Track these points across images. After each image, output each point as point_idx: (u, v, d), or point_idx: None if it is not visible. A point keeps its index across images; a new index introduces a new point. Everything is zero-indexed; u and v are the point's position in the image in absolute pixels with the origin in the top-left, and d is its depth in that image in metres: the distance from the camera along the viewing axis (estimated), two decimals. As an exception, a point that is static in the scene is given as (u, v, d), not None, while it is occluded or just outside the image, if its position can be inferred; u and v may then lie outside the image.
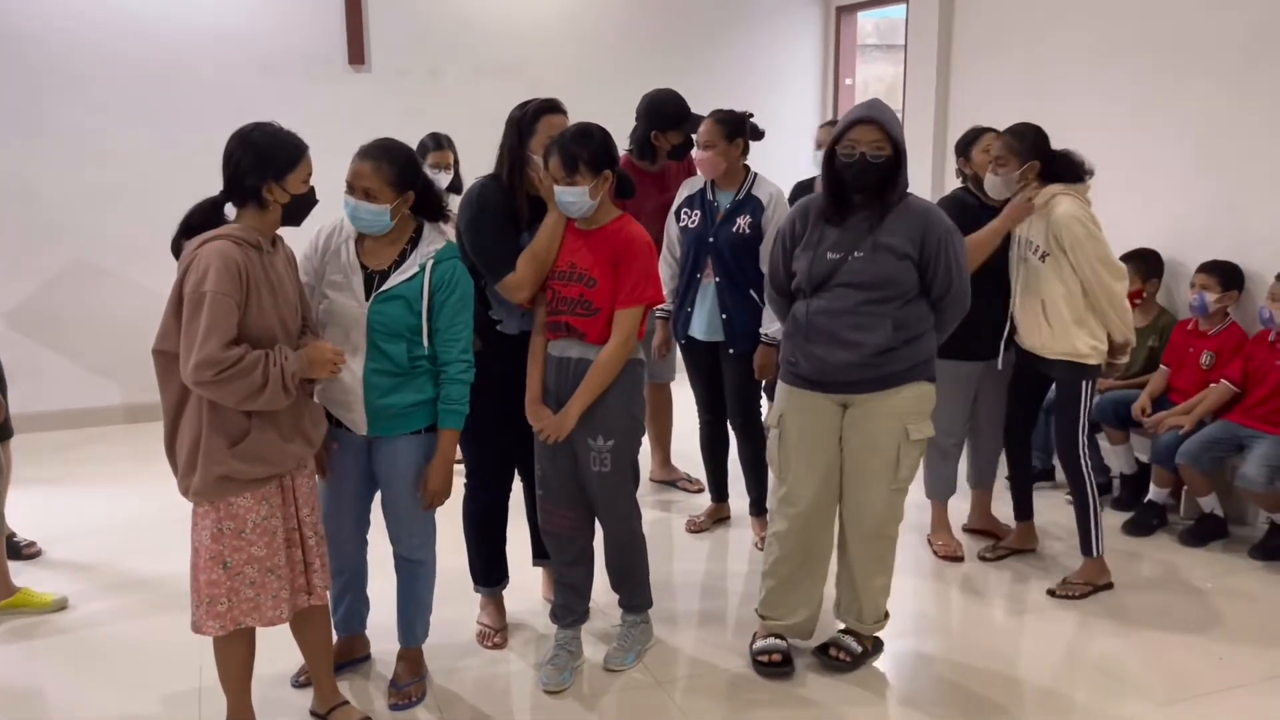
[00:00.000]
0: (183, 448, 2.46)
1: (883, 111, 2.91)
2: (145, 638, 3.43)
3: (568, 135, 2.88)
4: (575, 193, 2.86)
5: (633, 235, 2.94)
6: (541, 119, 3.00)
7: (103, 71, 5.62)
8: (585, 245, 2.94)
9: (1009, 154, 3.60)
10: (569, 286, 2.92)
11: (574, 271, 2.92)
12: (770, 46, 7.04)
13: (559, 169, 2.85)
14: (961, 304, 3.05)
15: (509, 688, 3.11)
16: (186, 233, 2.50)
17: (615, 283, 2.90)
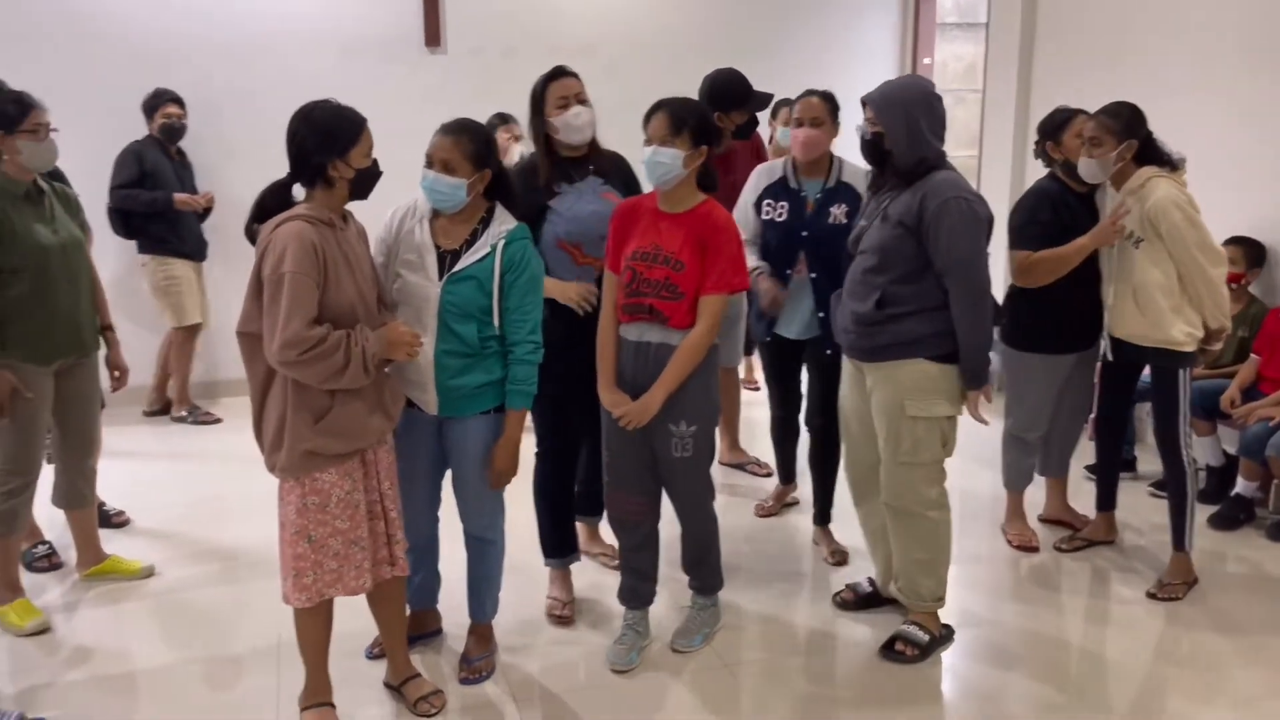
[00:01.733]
0: (269, 426, 2.53)
1: (878, 91, 3.00)
2: (226, 606, 3.54)
3: (675, 100, 2.91)
4: (670, 154, 2.83)
5: (722, 220, 2.93)
6: (550, 85, 3.20)
7: (187, 55, 5.76)
8: (671, 227, 2.91)
9: (1104, 134, 3.46)
10: (653, 268, 2.88)
11: (659, 253, 2.88)
12: (847, 25, 6.92)
13: (664, 127, 2.83)
14: (968, 285, 2.91)
15: (577, 666, 3.14)
16: (259, 216, 2.56)
17: (702, 267, 2.88)
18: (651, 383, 2.91)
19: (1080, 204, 3.67)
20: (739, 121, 4.07)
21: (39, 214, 3.33)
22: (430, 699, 2.87)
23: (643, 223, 2.94)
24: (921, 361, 2.98)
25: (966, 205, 2.89)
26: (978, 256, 2.92)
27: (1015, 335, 3.83)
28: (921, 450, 3.05)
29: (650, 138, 2.86)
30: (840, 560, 3.82)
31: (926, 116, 2.93)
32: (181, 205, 5.42)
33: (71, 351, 3.44)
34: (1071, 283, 3.59)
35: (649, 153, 2.86)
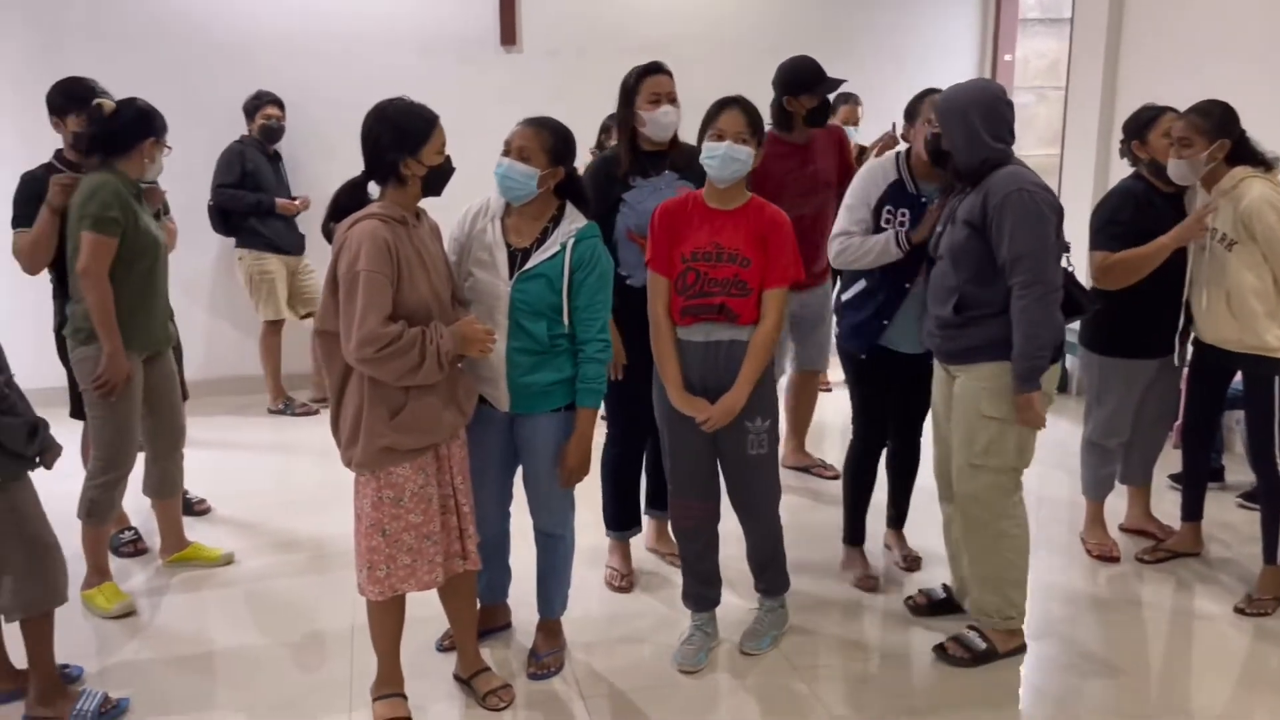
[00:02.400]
0: (346, 421, 2.58)
1: (942, 95, 3.03)
2: (302, 595, 3.62)
3: (743, 99, 2.90)
4: (747, 153, 2.84)
5: (777, 214, 2.95)
6: (645, 80, 3.28)
7: (260, 53, 5.90)
8: (729, 225, 2.89)
9: (1194, 134, 3.35)
10: (719, 268, 2.87)
11: (722, 251, 2.87)
12: (927, 21, 6.82)
13: (741, 124, 2.83)
14: (1030, 279, 2.80)
15: (645, 664, 3.14)
16: (335, 215, 2.61)
17: (764, 262, 2.87)
18: (724, 382, 2.90)
19: (1167, 205, 3.56)
20: (809, 106, 3.97)
21: (146, 211, 3.47)
22: (499, 693, 2.90)
23: (694, 222, 2.91)
24: (1001, 363, 2.92)
25: (1029, 197, 2.82)
26: (1042, 249, 2.82)
27: (1095, 338, 3.73)
28: (995, 453, 2.98)
29: (724, 132, 2.83)
30: (913, 566, 3.75)
31: (985, 118, 2.88)
32: (282, 210, 5.62)
33: (164, 343, 3.58)
34: (1157, 285, 3.49)
35: (723, 148, 2.82)
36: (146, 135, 3.37)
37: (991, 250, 2.87)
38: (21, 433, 2.61)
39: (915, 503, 3.78)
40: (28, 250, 3.45)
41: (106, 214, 3.22)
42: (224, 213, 5.59)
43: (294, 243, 5.75)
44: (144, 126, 3.38)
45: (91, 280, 3.24)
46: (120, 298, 3.30)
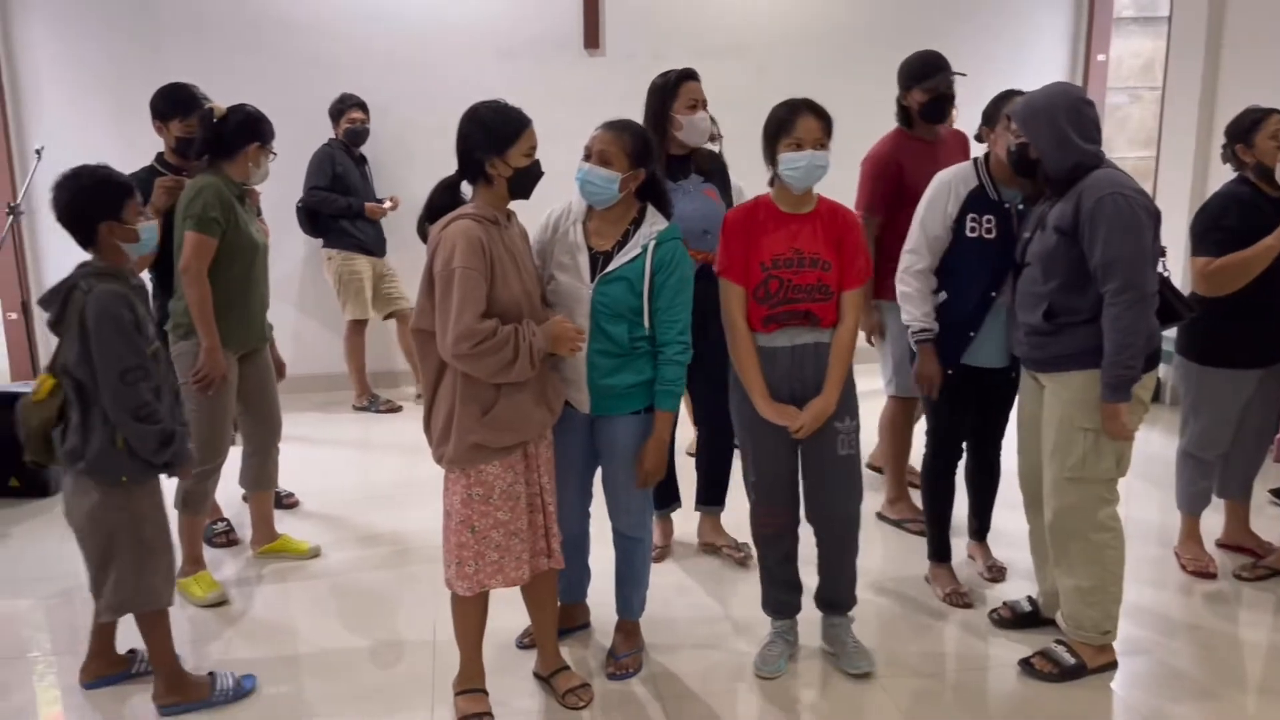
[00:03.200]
0: (438, 418, 2.63)
1: (1021, 102, 2.97)
2: (385, 589, 3.69)
3: (812, 101, 2.86)
4: (826, 157, 2.82)
5: (849, 214, 2.95)
6: (684, 84, 3.42)
7: (347, 57, 6.05)
8: (804, 229, 2.86)
9: None
10: (802, 273, 2.84)
11: (802, 257, 2.84)
12: (1017, 20, 6.68)
13: (817, 130, 2.79)
14: (1122, 285, 2.72)
15: (724, 669, 3.12)
16: (431, 215, 2.66)
17: (840, 264, 2.86)
18: (812, 386, 2.89)
19: (1273, 209, 3.43)
20: (920, 100, 3.84)
21: (247, 212, 3.58)
22: (579, 692, 2.92)
23: (769, 228, 2.87)
24: (1095, 371, 2.84)
25: (1124, 202, 2.73)
26: (1136, 255, 2.73)
27: (1194, 347, 3.61)
28: (1091, 465, 2.90)
29: (803, 141, 2.79)
30: (997, 576, 3.67)
31: (1074, 122, 2.81)
32: (371, 214, 5.76)
33: (260, 340, 3.69)
34: (1260, 291, 3.36)
35: (806, 158, 2.78)
36: (252, 140, 3.48)
37: (1083, 256, 2.80)
38: (153, 441, 2.69)
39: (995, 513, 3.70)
40: None
41: (208, 214, 3.34)
42: (313, 214, 5.74)
43: (380, 244, 5.89)
44: (251, 131, 3.49)
45: (191, 277, 3.36)
46: (218, 296, 3.42)
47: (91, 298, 2.62)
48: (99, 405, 2.65)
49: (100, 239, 2.71)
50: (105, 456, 2.66)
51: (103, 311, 2.61)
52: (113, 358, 2.62)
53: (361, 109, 5.79)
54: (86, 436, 2.66)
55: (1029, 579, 3.45)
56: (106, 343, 2.61)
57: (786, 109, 2.85)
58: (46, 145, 5.48)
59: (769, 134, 2.86)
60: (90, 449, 2.65)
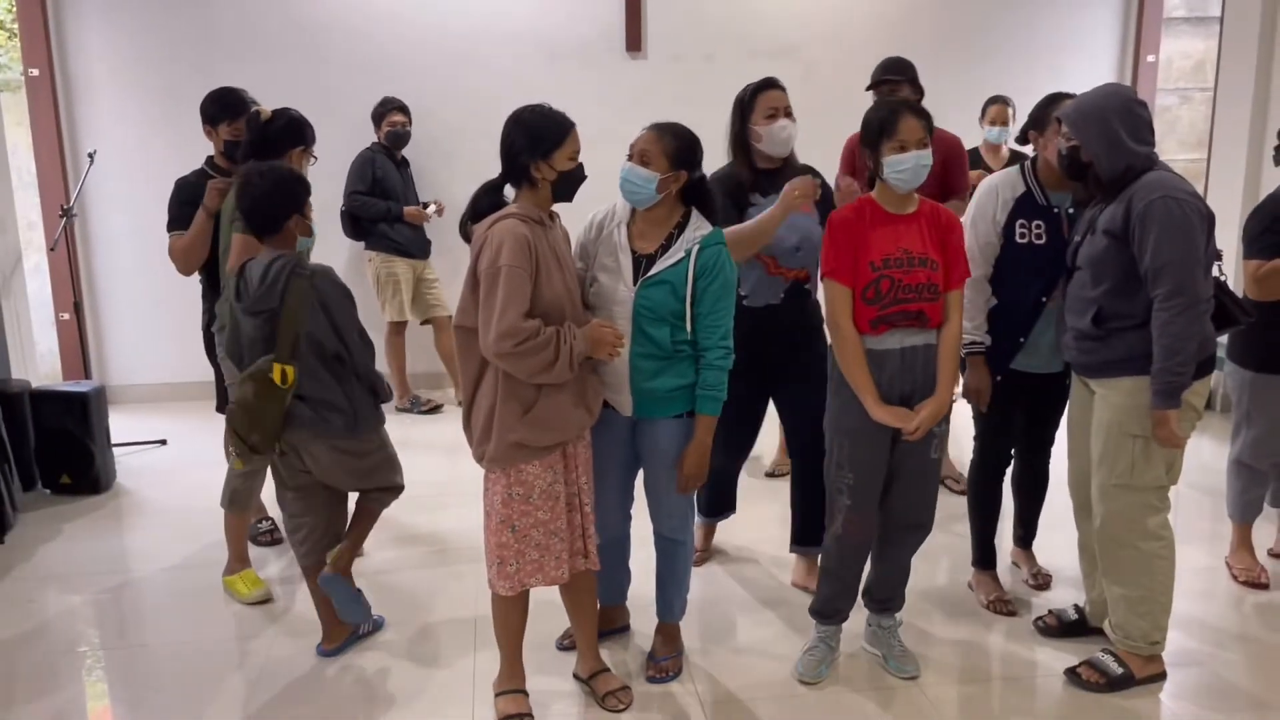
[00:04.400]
0: (479, 417, 2.64)
1: (1072, 104, 2.92)
2: (426, 589, 3.71)
3: (906, 101, 2.86)
4: (929, 157, 2.79)
5: (951, 215, 2.92)
6: (760, 95, 3.29)
7: (391, 61, 6.11)
8: (910, 229, 2.84)
9: None
10: (913, 273, 2.80)
11: (910, 257, 2.81)
12: (1067, 21, 6.59)
13: (919, 130, 2.76)
14: (1172, 290, 2.68)
15: (765, 673, 3.11)
16: (474, 216, 2.67)
17: (945, 263, 2.84)
18: (921, 387, 2.87)
19: (1330, 213, 3.35)
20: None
21: None
22: (618, 694, 2.92)
23: (876, 229, 2.84)
24: (1144, 378, 2.79)
25: (1175, 205, 2.68)
26: (1187, 259, 2.68)
27: (1247, 353, 3.54)
28: (1140, 472, 2.86)
29: (906, 143, 2.75)
30: (1043, 584, 3.62)
31: (1126, 123, 2.76)
32: (410, 218, 5.82)
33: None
34: None
35: (912, 159, 2.75)
36: (296, 143, 3.53)
37: (1133, 260, 2.75)
38: (384, 381, 3.18)
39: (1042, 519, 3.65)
40: (182, 251, 3.64)
41: None
42: (354, 218, 5.80)
43: (421, 247, 5.93)
44: (294, 135, 3.54)
45: None
46: None
47: (319, 280, 2.98)
48: (351, 371, 3.02)
49: (285, 231, 3.00)
50: (371, 411, 3.09)
51: (335, 285, 3.01)
52: (354, 322, 3.05)
53: (403, 112, 5.84)
54: (353, 402, 3.03)
55: (1075, 587, 3.40)
56: (346, 311, 3.02)
57: (887, 110, 2.81)
58: (99, 149, 5.60)
59: (869, 137, 2.82)
60: (362, 410, 3.05)
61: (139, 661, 3.27)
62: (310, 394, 2.97)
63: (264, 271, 2.93)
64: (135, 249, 6.04)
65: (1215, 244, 2.83)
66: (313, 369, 2.96)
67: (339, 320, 2.99)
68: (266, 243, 3.00)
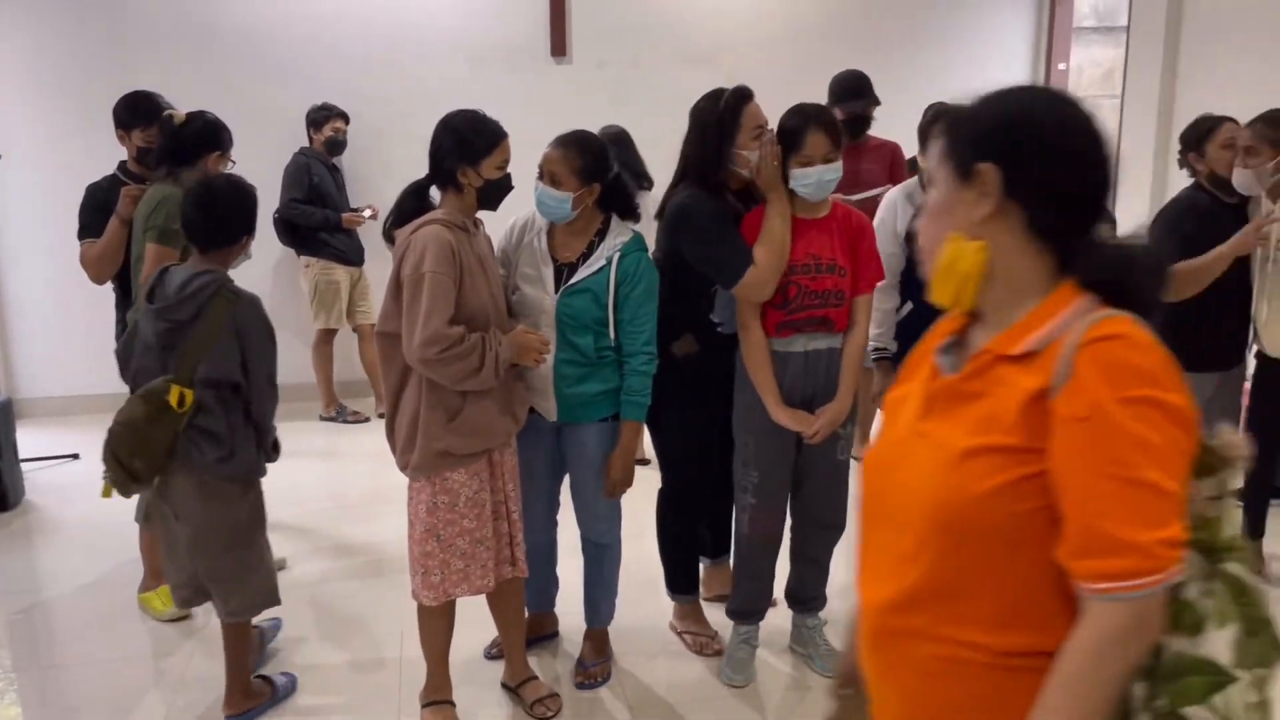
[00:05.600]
0: (402, 425, 2.62)
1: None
2: (352, 600, 3.66)
3: (820, 112, 2.84)
4: (837, 169, 2.82)
5: (863, 219, 2.95)
6: (744, 111, 2.84)
7: (315, 64, 6.01)
8: (818, 234, 2.86)
9: (1261, 143, 3.27)
10: (819, 279, 2.84)
11: (819, 263, 2.84)
12: (978, 29, 6.75)
13: (825, 145, 2.77)
14: None
15: (692, 676, 3.13)
16: (398, 220, 2.65)
17: (854, 268, 2.87)
18: (824, 391, 2.91)
19: (1229, 215, 3.47)
20: (840, 117, 3.66)
21: None
22: (546, 701, 2.91)
23: (796, 233, 2.86)
24: None
25: None
26: None
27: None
28: None
29: (812, 158, 2.77)
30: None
31: None
32: (348, 224, 5.73)
33: None
34: (1217, 297, 3.40)
35: (816, 173, 2.77)
36: (212, 148, 3.43)
37: None
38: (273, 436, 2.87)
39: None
40: (94, 260, 3.53)
41: (171, 226, 3.28)
42: (292, 225, 5.69)
43: (358, 253, 5.87)
44: (211, 139, 3.44)
45: None
46: None
47: (244, 307, 2.70)
48: (243, 407, 2.73)
49: (232, 249, 2.79)
50: (252, 457, 2.77)
51: (259, 320, 2.73)
52: (268, 364, 2.75)
53: (343, 119, 5.76)
54: (235, 437, 2.71)
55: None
56: (263, 349, 2.74)
57: (797, 121, 2.81)
58: (7, 152, 5.42)
59: (781, 144, 2.83)
60: (241, 451, 2.72)
61: (54, 683, 3.17)
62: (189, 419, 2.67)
63: (186, 280, 2.66)
64: (45, 256, 5.84)
65: None
66: (198, 393, 2.66)
67: (251, 357, 2.71)
68: (206, 257, 2.74)
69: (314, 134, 5.75)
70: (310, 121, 5.75)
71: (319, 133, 5.73)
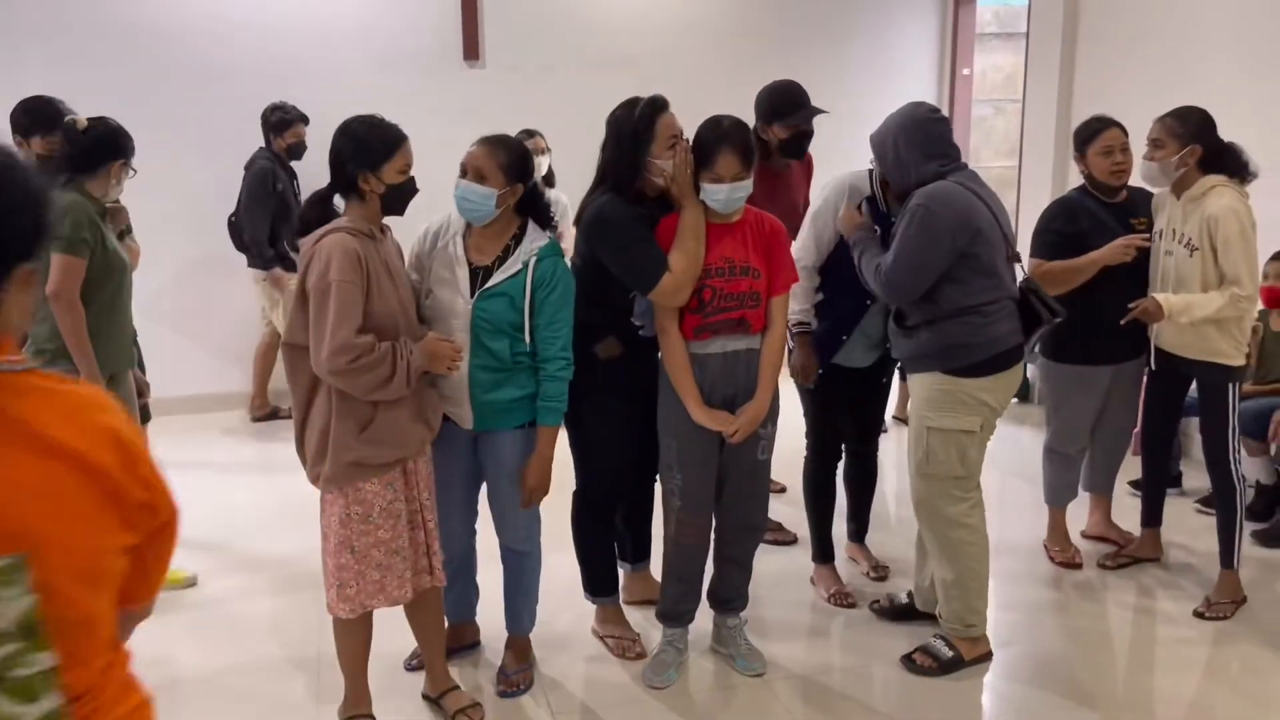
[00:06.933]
0: (312, 437, 2.57)
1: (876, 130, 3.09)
2: (266, 615, 3.58)
3: (735, 129, 2.84)
4: (746, 187, 2.85)
5: (776, 222, 2.99)
6: (658, 121, 2.86)
7: (224, 69, 5.87)
8: (731, 239, 2.90)
9: (1167, 137, 3.37)
10: (734, 282, 2.87)
11: (733, 266, 2.87)
12: (886, 36, 6.91)
13: (736, 165, 2.80)
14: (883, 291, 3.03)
15: (615, 680, 3.13)
16: (302, 229, 2.60)
17: (768, 271, 2.91)
18: (743, 391, 2.94)
19: (1109, 215, 3.58)
20: (780, 136, 3.69)
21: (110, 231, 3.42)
22: (469, 711, 2.88)
23: (710, 239, 2.88)
24: (936, 374, 3.00)
25: (925, 211, 2.89)
26: (906, 253, 2.91)
27: (1052, 346, 3.75)
28: (936, 462, 3.04)
29: (722, 176, 2.80)
30: (882, 575, 3.78)
31: (915, 141, 2.97)
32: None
33: (128, 363, 3.53)
34: (1111, 292, 3.49)
35: (725, 190, 2.81)
36: (116, 155, 3.32)
37: None
38: None
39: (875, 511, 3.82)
40: None
41: (78, 235, 3.16)
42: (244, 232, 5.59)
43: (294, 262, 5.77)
44: (113, 146, 3.33)
45: (64, 303, 3.15)
46: (89, 320, 3.24)
47: None
48: None
49: None
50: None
51: None
52: None
53: (304, 121, 5.64)
54: None
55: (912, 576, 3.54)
56: None
57: (711, 138, 2.83)
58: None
59: (695, 155, 2.86)
60: None
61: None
62: None
63: None
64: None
65: (1011, 249, 3.05)
66: None
67: None
68: None
69: (275, 138, 5.60)
70: (271, 125, 5.60)
71: (280, 138, 5.59)
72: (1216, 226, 3.26)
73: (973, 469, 3.07)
